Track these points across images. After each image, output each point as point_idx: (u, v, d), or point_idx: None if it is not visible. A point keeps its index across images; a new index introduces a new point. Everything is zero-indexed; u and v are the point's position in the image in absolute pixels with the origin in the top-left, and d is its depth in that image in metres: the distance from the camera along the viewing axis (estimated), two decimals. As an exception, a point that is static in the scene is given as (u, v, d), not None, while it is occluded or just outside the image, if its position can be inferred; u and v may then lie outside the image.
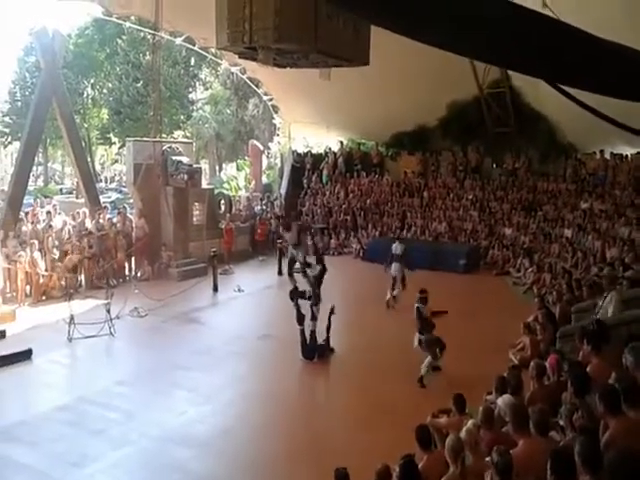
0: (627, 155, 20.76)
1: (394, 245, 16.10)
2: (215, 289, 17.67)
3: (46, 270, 16.70)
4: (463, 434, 5.07)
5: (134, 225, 19.61)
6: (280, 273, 20.02)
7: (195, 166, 21.38)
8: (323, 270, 12.18)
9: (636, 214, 17.30)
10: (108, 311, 13.51)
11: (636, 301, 9.40)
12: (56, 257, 17.14)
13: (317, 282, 12.11)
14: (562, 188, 21.90)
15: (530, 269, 18.18)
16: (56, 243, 17.40)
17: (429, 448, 5.59)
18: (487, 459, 4.60)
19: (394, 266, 15.84)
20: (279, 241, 21.94)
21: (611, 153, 21.24)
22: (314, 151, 29.10)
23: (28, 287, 16.51)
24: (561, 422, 5.43)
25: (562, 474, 3.82)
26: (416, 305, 10.89)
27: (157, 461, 8.20)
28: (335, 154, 27.89)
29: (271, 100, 28.86)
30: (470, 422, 5.64)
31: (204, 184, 23.34)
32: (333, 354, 12.17)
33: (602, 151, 21.44)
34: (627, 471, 3.43)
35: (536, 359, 7.74)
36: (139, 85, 46.51)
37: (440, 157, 25.88)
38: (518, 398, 6.19)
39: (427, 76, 20.80)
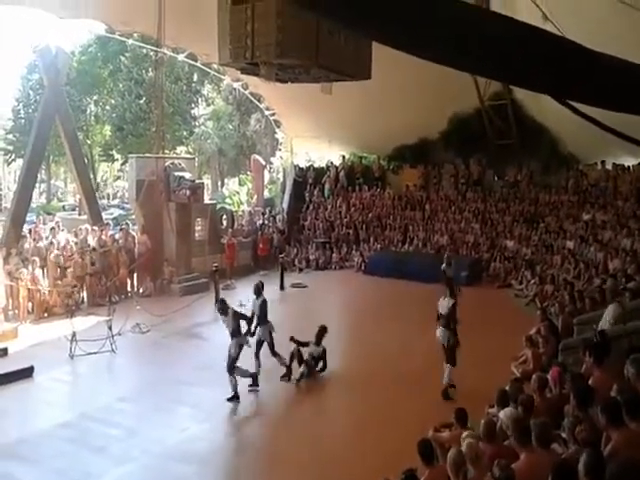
0: (629, 166, 20.75)
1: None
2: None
3: (48, 287, 16.72)
4: (464, 448, 5.04)
5: (136, 241, 19.62)
6: (282, 288, 20.11)
7: (197, 181, 21.41)
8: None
9: (638, 225, 17.27)
10: (110, 328, 13.49)
11: (638, 312, 9.38)
12: (58, 274, 17.15)
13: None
14: (564, 199, 21.90)
15: (532, 281, 18.16)
16: (60, 260, 17.40)
17: (431, 462, 5.56)
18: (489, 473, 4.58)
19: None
20: (281, 256, 21.98)
21: (613, 164, 21.26)
22: (316, 165, 29.14)
23: (30, 304, 16.49)
24: (563, 435, 5.41)
25: (564, 487, 3.80)
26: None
27: (159, 478, 8.18)
28: (337, 168, 27.89)
29: (273, 115, 28.96)
30: (465, 434, 5.63)
31: (206, 199, 23.38)
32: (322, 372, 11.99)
33: (604, 162, 21.48)
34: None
35: (538, 372, 7.71)
36: (142, 102, 46.71)
37: (442, 170, 25.91)
38: (527, 414, 6.09)
39: (428, 89, 20.88)
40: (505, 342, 12.55)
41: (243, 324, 11.32)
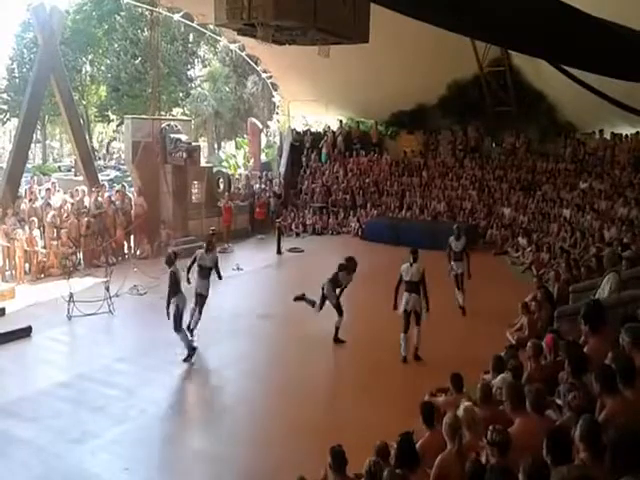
0: (627, 135, 20.72)
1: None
2: (214, 267, 17.66)
3: (44, 248, 16.72)
4: (461, 412, 5.10)
5: (133, 203, 19.57)
6: (279, 252, 20.17)
7: (194, 144, 21.31)
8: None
9: (635, 194, 17.30)
10: (107, 289, 13.53)
11: (634, 281, 9.43)
12: (54, 235, 17.13)
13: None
14: (561, 168, 21.89)
15: (528, 249, 18.25)
16: (57, 221, 17.34)
17: (432, 425, 5.60)
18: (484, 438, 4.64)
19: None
20: (278, 220, 21.99)
21: (611, 133, 21.21)
22: (313, 129, 28.99)
23: (27, 265, 16.50)
24: (558, 401, 5.47)
25: (558, 453, 3.86)
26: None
27: (156, 437, 8.29)
28: (334, 133, 27.77)
29: (270, 78, 28.68)
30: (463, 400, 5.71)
31: (203, 162, 23.28)
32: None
33: (601, 131, 21.45)
34: (628, 447, 3.48)
35: (533, 339, 7.77)
36: (137, 62, 46.19)
37: (439, 136, 25.83)
38: (518, 380, 6.19)
39: (427, 54, 20.70)
40: (501, 309, 12.62)
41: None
